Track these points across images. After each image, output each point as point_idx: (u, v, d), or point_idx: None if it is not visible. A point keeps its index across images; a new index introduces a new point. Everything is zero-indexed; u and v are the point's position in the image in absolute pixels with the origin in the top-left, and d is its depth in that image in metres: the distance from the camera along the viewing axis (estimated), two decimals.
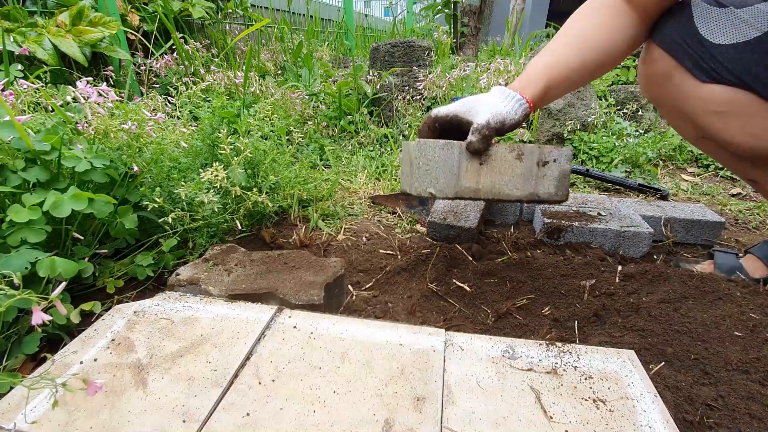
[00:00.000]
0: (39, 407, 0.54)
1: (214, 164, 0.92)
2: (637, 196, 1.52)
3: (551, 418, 0.55)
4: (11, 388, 0.57)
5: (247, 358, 0.64)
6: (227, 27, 2.71)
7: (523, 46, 3.49)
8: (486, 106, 0.79)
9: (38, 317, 0.47)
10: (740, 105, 0.77)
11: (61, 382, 0.45)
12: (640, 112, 2.11)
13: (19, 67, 1.19)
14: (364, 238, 1.13)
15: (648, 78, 0.99)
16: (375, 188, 1.49)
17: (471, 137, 0.77)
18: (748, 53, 0.77)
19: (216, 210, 0.93)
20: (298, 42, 2.66)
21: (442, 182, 0.76)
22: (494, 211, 1.30)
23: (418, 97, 2.04)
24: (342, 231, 1.15)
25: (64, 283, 0.53)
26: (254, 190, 1.00)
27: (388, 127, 1.99)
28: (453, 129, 0.81)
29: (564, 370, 0.63)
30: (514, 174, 0.76)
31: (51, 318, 0.49)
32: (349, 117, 1.98)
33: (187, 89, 1.19)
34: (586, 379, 0.61)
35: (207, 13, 2.25)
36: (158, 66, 1.95)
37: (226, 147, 0.95)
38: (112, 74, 1.74)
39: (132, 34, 1.90)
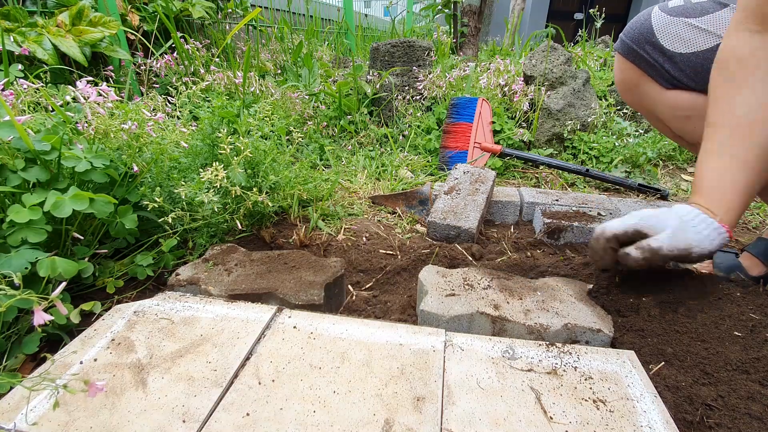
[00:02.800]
0: (39, 407, 0.54)
1: (214, 164, 0.92)
2: (637, 196, 1.52)
3: (551, 418, 0.55)
4: (11, 388, 0.57)
5: (247, 358, 0.64)
6: (227, 27, 2.71)
7: (523, 46, 3.49)
8: (673, 228, 0.70)
9: (40, 317, 0.47)
10: (704, 109, 0.78)
11: (62, 384, 0.45)
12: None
13: (19, 67, 1.19)
14: (364, 238, 1.13)
15: (620, 85, 1.03)
16: (375, 188, 1.49)
17: (632, 250, 0.70)
18: (708, 60, 0.79)
19: (216, 210, 0.93)
20: (298, 42, 2.66)
21: None
22: (494, 211, 1.30)
23: (418, 97, 2.04)
24: (342, 231, 1.15)
25: (64, 283, 0.53)
26: (254, 190, 0.99)
27: (388, 127, 1.99)
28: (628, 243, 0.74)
29: (564, 371, 0.63)
30: None
31: (51, 318, 0.49)
32: (349, 117, 1.98)
33: (187, 89, 1.19)
34: (586, 379, 0.61)
35: (207, 12, 2.25)
36: (158, 66, 1.95)
37: (226, 147, 0.95)
38: (112, 74, 1.74)
39: (132, 34, 1.90)
